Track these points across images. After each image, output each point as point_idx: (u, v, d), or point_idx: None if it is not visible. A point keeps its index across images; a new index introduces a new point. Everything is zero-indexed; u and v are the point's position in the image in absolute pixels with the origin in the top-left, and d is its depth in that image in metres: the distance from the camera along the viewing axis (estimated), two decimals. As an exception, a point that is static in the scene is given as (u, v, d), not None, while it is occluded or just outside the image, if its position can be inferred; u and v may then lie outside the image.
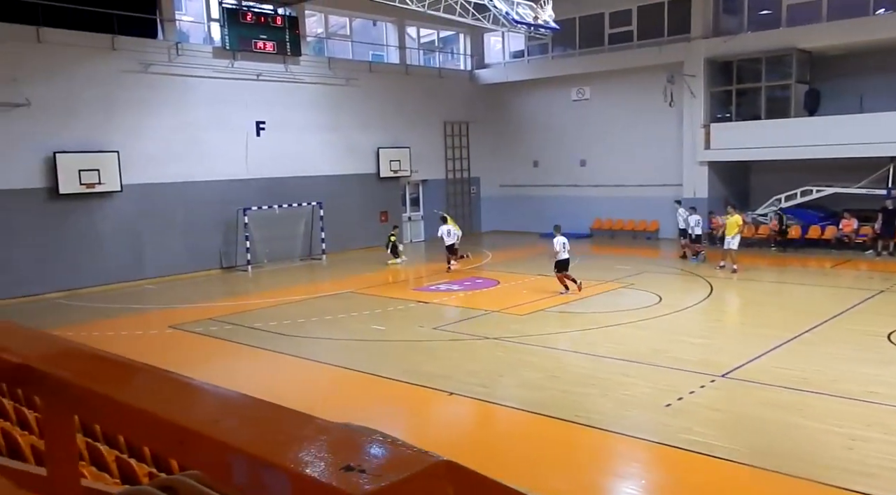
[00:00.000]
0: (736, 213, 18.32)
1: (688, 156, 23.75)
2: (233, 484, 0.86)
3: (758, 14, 22.92)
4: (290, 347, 11.98)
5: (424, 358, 11.16)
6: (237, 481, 0.86)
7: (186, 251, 19.81)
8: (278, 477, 0.81)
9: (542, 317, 13.68)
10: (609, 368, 10.18)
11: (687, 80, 23.11)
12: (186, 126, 19.80)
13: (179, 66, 19.57)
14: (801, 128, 21.29)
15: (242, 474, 0.85)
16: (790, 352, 10.79)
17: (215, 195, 20.29)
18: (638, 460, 7.45)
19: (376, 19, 25.77)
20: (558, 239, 15.49)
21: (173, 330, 13.48)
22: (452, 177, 27.94)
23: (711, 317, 14.09)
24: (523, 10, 18.75)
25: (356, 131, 23.98)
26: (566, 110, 26.97)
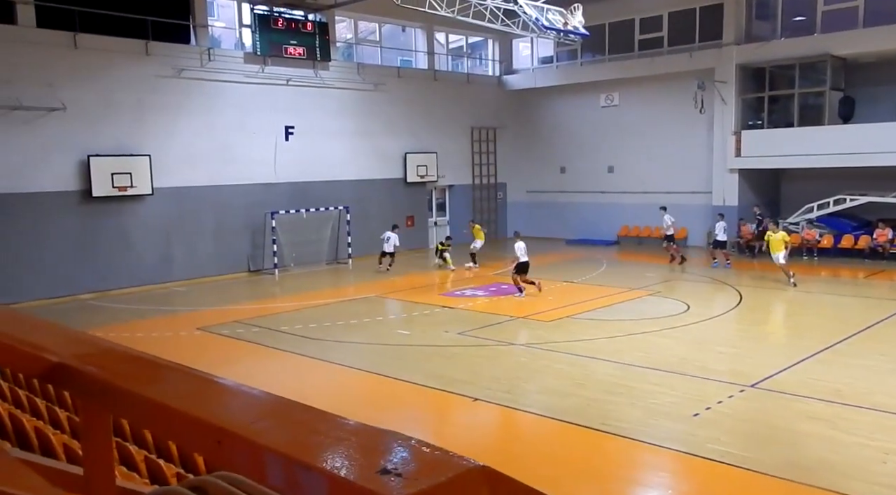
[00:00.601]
0: (780, 230, 17.72)
1: (718, 164, 23.47)
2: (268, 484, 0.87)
3: (791, 20, 22.60)
4: (315, 350, 12.05)
5: (449, 363, 11.15)
6: (273, 482, 0.86)
7: (215, 254, 20.06)
8: (314, 479, 0.81)
9: (567, 324, 13.59)
10: (636, 376, 10.07)
11: (718, 87, 22.85)
12: (216, 130, 20.07)
13: (211, 71, 19.85)
14: (834, 136, 20.93)
15: (278, 475, 0.85)
16: (822, 363, 10.59)
17: (244, 199, 20.52)
18: (665, 470, 7.36)
19: (405, 25, 25.90)
20: (519, 243, 16.36)
21: (201, 332, 13.64)
22: (479, 182, 27.94)
23: (741, 327, 13.87)
24: (553, 16, 18.71)
25: (384, 136, 24.10)
26: (594, 116, 26.84)
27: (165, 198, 18.87)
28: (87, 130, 17.51)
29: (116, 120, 18.07)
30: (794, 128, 22.06)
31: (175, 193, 19.13)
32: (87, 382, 1.15)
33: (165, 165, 18.78)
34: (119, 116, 18.12)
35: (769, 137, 22.55)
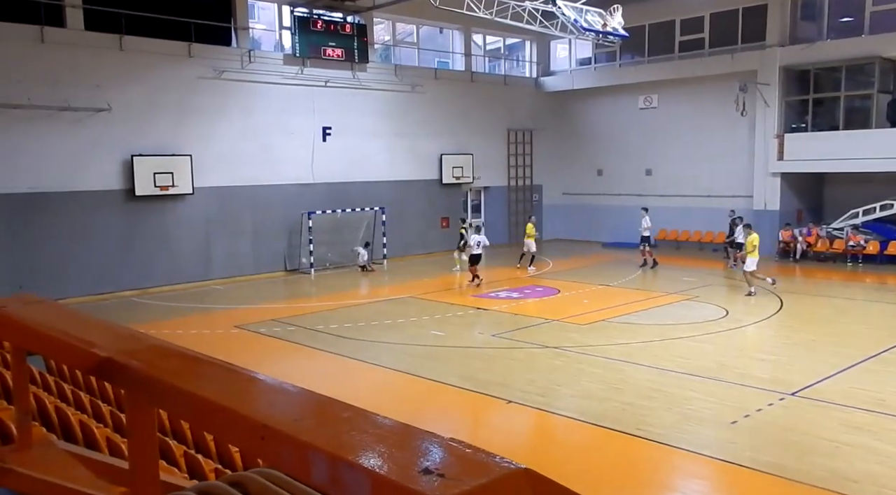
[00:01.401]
0: (753, 232, 17.30)
1: (759, 167, 23.01)
2: (312, 481, 0.87)
3: (838, 21, 22.06)
4: (350, 350, 12.13)
5: (483, 365, 11.12)
6: (316, 479, 0.87)
7: (252, 253, 20.34)
8: (358, 477, 0.81)
9: (603, 328, 13.46)
10: (673, 382, 9.93)
11: (760, 89, 22.41)
12: (256, 131, 20.35)
13: (251, 72, 20.15)
14: (882, 140, 20.35)
15: (322, 472, 0.86)
16: (866, 372, 10.31)
17: (281, 199, 20.77)
18: (702, 477, 7.24)
19: (443, 26, 25.94)
20: (475, 237, 18.26)
21: (238, 329, 13.84)
22: (515, 184, 27.84)
23: (781, 333, 13.57)
24: (592, 17, 18.53)
25: (420, 137, 24.17)
26: (632, 118, 26.54)
27: (205, 198, 19.20)
28: (131, 130, 17.91)
29: (159, 120, 18.45)
30: (839, 132, 21.52)
31: (215, 193, 19.45)
32: (134, 377, 1.17)
33: (206, 165, 19.11)
34: (162, 117, 18.50)
35: (813, 141, 22.04)
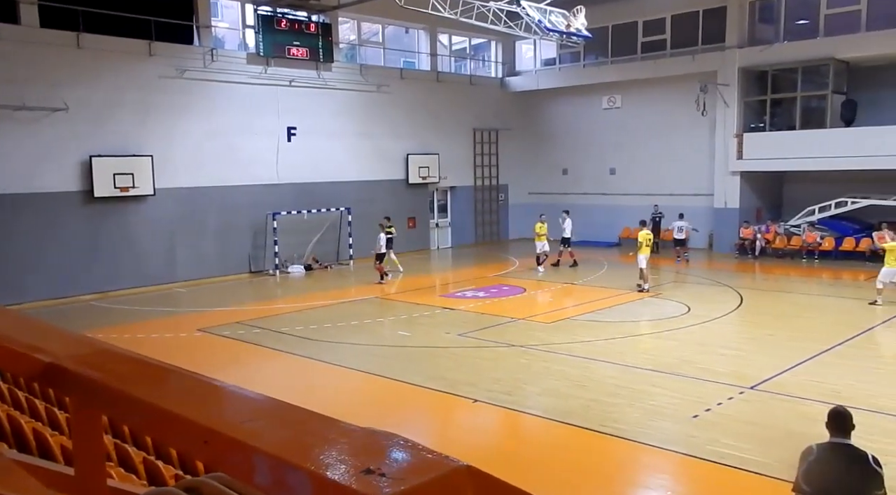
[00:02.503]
0: (644, 229, 17.98)
1: (720, 166, 23.45)
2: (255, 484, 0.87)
3: (794, 23, 22.58)
4: (316, 352, 12.05)
5: (449, 364, 11.15)
6: (259, 481, 0.86)
7: (217, 255, 20.08)
8: (300, 480, 0.81)
9: (568, 326, 13.59)
10: (636, 378, 10.07)
11: (720, 90, 22.84)
12: (219, 131, 20.09)
13: (214, 71, 19.88)
14: (837, 139, 20.91)
15: (265, 475, 0.86)
16: (822, 365, 10.58)
17: (246, 199, 20.54)
18: (665, 471, 7.36)
19: (408, 26, 25.92)
20: (382, 235, 18.70)
21: (202, 333, 13.66)
22: (481, 184, 27.94)
23: (741, 329, 13.86)
24: (556, 18, 18.69)
25: (386, 137, 24.11)
26: (597, 118, 26.83)
27: (168, 199, 18.89)
28: (90, 131, 17.54)
29: (119, 120, 18.11)
30: (796, 131, 22.05)
31: (178, 194, 19.15)
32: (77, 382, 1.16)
33: (168, 166, 18.80)
34: (122, 117, 18.16)
35: (771, 140, 22.54)
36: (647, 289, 16.84)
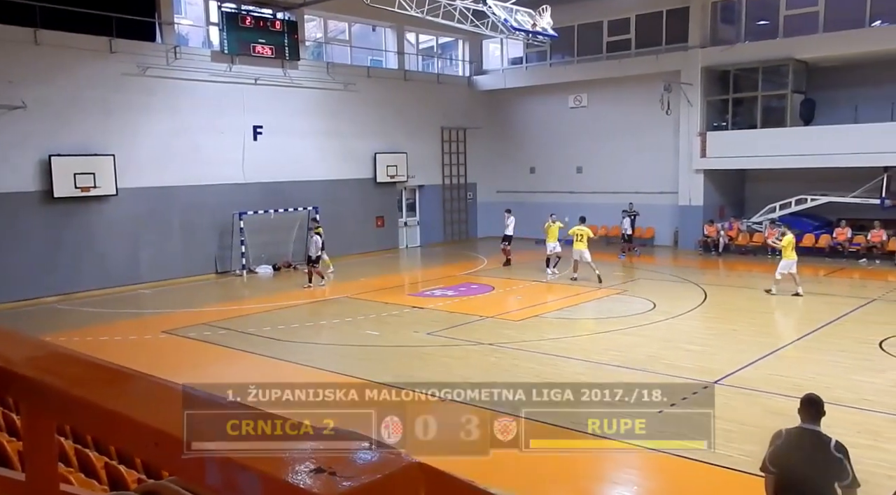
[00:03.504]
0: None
1: (684, 164, 23.81)
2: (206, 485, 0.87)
3: (755, 24, 23.02)
4: (283, 352, 11.95)
5: (418, 363, 11.15)
6: (210, 482, 0.86)
7: (182, 256, 19.78)
8: (250, 479, 0.81)
9: (536, 323, 13.68)
10: (604, 374, 10.17)
11: (684, 89, 23.18)
12: (183, 129, 19.79)
13: (177, 69, 19.57)
14: (796, 138, 21.36)
15: (215, 476, 0.85)
16: (784, 359, 10.82)
17: (211, 199, 20.27)
18: (632, 467, 7.45)
19: (375, 24, 25.83)
20: (316, 238, 18.06)
21: (167, 335, 13.45)
22: (449, 182, 27.96)
23: (705, 324, 14.10)
24: (522, 17, 18.79)
25: (354, 136, 23.99)
26: (563, 117, 27.04)
27: (131, 199, 18.55)
28: (49, 129, 17.14)
29: (79, 119, 17.73)
30: (757, 130, 22.48)
31: (141, 194, 18.82)
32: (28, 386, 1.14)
33: (131, 165, 18.46)
34: (82, 115, 17.78)
35: (733, 139, 22.95)
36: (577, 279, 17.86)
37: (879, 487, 6.50)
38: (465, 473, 0.91)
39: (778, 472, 4.50)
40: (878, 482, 6.55)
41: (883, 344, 11.33)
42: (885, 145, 19.48)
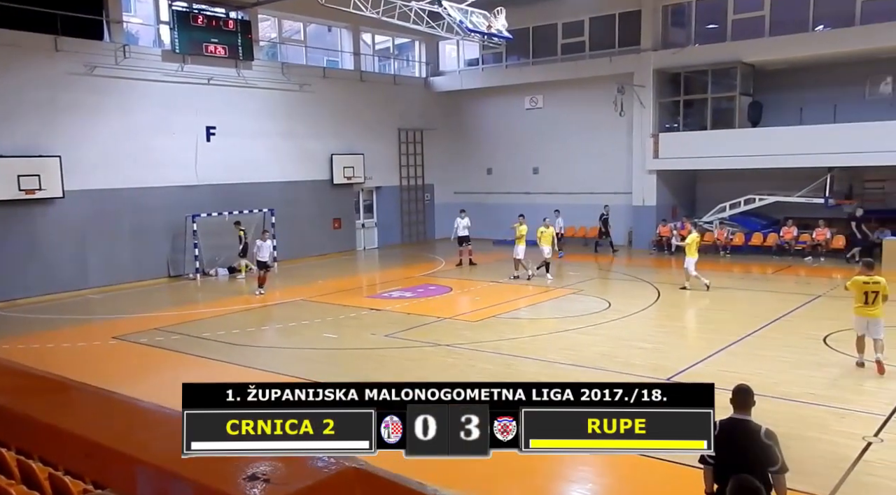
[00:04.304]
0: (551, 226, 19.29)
1: (637, 165, 24.23)
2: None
3: (704, 27, 23.57)
4: (239, 357, 11.78)
5: (375, 365, 11.11)
6: (143, 492, 0.85)
7: (133, 259, 19.32)
8: (183, 489, 0.80)
9: (493, 324, 13.75)
10: (559, 373, 10.29)
11: (636, 91, 23.59)
12: (134, 130, 19.34)
13: (127, 68, 19.12)
14: (744, 139, 21.93)
15: (148, 486, 0.84)
16: (734, 355, 11.09)
17: (163, 201, 19.84)
18: (586, 464, 7.54)
19: (331, 25, 25.64)
20: (266, 243, 17.33)
21: (117, 341, 13.12)
22: (407, 184, 27.92)
23: (658, 322, 14.36)
24: (477, 19, 18.86)
25: (309, 137, 23.77)
26: (520, 118, 27.25)
27: (79, 202, 18.05)
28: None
29: (24, 119, 17.18)
30: (707, 131, 23.02)
31: (89, 196, 18.32)
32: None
33: (79, 167, 17.95)
34: (26, 115, 17.23)
35: (684, 140, 23.45)
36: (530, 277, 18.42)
37: (826, 477, 6.74)
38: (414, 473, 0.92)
39: (714, 463, 4.66)
40: (825, 473, 6.79)
41: (827, 339, 11.70)
42: (828, 146, 20.14)
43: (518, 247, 18.62)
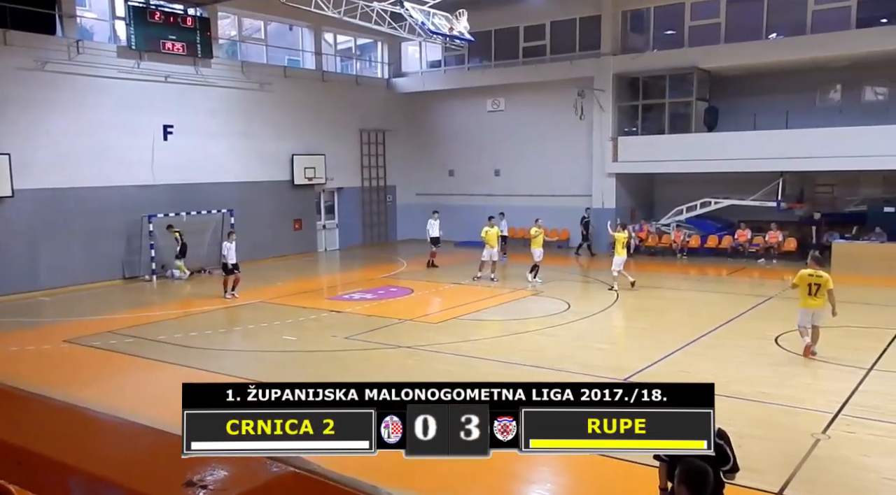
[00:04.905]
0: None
1: (597, 168, 24.53)
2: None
3: (663, 33, 24.00)
4: (196, 360, 11.56)
5: (336, 368, 11.02)
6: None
7: (86, 260, 18.84)
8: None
9: (455, 325, 13.78)
10: (519, 374, 10.34)
11: (596, 95, 23.90)
12: (88, 128, 18.88)
13: (81, 65, 18.65)
14: (700, 143, 22.39)
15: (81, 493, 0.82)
16: (689, 356, 11.30)
17: (118, 201, 19.41)
18: (545, 464, 7.60)
19: (292, 24, 25.40)
20: (231, 245, 16.76)
21: (69, 344, 12.77)
22: (368, 185, 27.80)
23: (617, 324, 14.57)
24: (439, 21, 18.89)
25: (270, 137, 23.50)
26: (482, 121, 27.37)
27: (29, 201, 17.54)
28: (-64, 126, 16.01)
29: (-29, 115, 16.65)
30: (664, 136, 23.43)
31: (40, 195, 17.82)
32: None
33: (29, 165, 17.45)
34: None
35: (642, 144, 23.83)
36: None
37: (776, 474, 6.91)
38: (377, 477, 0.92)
39: (668, 460, 4.74)
40: (776, 470, 6.96)
41: (779, 339, 12.01)
42: (781, 151, 20.69)
43: (487, 250, 18.58)
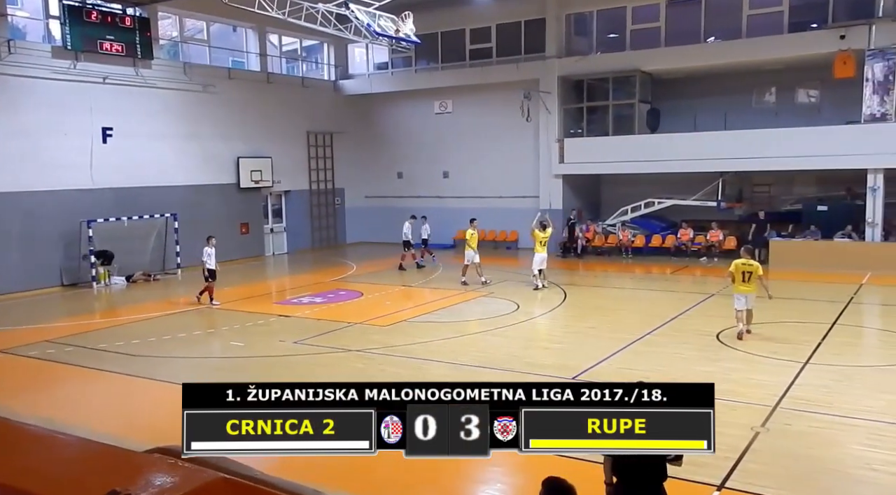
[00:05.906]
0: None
1: (544, 170, 24.84)
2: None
3: (606, 36, 24.46)
4: (140, 368, 11.27)
5: (284, 373, 10.88)
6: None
7: (21, 268, 18.15)
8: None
9: (404, 328, 13.76)
10: (468, 375, 10.40)
11: (542, 97, 24.20)
12: (21, 130, 18.21)
13: (12, 65, 17.98)
14: (643, 145, 22.90)
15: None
16: (635, 353, 11.54)
17: (56, 206, 18.76)
18: (497, 464, 7.65)
19: (236, 24, 24.99)
20: (210, 250, 16.23)
21: (4, 354, 12.29)
22: (317, 188, 27.54)
23: (565, 323, 14.77)
24: (385, 23, 18.84)
25: (214, 140, 23.07)
26: (429, 123, 27.41)
27: (-42, 207, 16.82)
28: None
29: None
30: (608, 137, 23.88)
31: (-30, 201, 17.11)
32: None
33: (-43, 170, 16.74)
34: None
35: (588, 145, 24.24)
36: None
37: (717, 468, 7.10)
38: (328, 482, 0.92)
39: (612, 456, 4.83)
40: (717, 463, 7.15)
41: (720, 335, 12.38)
42: (719, 152, 21.34)
43: (468, 252, 18.25)
